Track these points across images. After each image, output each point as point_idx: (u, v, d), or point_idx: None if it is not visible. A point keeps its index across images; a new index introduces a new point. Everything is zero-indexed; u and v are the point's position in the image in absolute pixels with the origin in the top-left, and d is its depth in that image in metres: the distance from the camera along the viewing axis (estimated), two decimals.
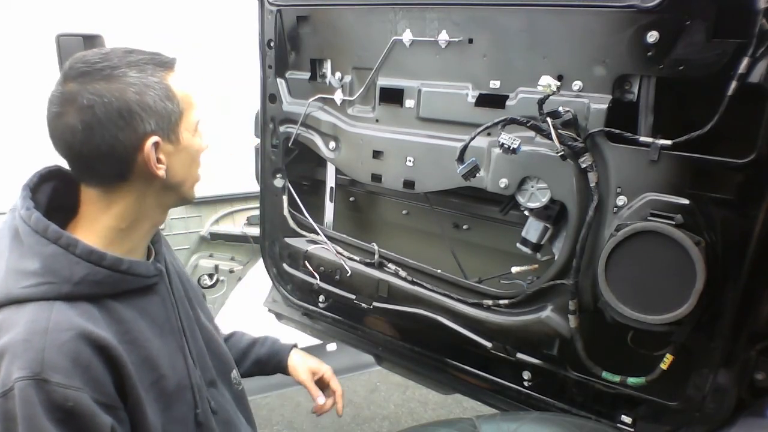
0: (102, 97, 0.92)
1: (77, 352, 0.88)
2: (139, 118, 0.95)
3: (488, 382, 1.55)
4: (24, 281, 0.91)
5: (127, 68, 0.95)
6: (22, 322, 0.88)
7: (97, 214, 1.01)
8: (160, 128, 0.98)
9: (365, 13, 1.54)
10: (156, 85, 0.97)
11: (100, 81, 0.93)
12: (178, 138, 1.02)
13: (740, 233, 1.07)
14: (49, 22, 2.71)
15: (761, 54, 0.99)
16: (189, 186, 1.10)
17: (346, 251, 1.76)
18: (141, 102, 0.95)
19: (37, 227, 0.94)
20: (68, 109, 0.93)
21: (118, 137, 0.94)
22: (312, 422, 2.81)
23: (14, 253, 0.95)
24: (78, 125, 0.93)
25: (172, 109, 0.99)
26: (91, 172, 0.99)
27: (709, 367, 1.17)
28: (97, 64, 0.94)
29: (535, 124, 1.23)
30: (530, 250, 1.38)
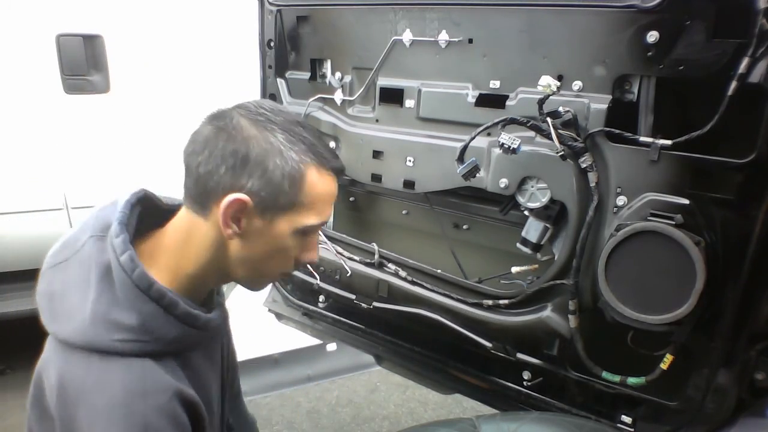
0: (234, 131, 0.90)
1: (175, 414, 0.88)
2: (247, 172, 0.90)
3: (488, 382, 1.55)
4: (116, 334, 0.88)
5: (281, 131, 0.92)
6: (117, 381, 0.86)
7: (175, 249, 0.97)
8: (260, 196, 0.91)
9: (365, 13, 1.54)
10: (291, 161, 0.91)
11: (249, 120, 0.91)
12: (272, 222, 0.94)
13: (740, 233, 1.07)
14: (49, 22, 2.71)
15: (761, 54, 0.99)
16: (254, 274, 1.02)
17: (346, 251, 1.76)
18: (262, 160, 0.90)
19: (140, 283, 0.90)
20: (211, 121, 0.93)
21: (219, 171, 0.90)
22: (312, 422, 2.81)
23: (104, 297, 0.90)
24: (201, 136, 0.92)
25: (286, 192, 0.91)
26: (187, 186, 0.95)
27: (709, 367, 1.17)
28: (263, 109, 0.93)
29: (535, 124, 1.23)
30: (530, 250, 1.38)
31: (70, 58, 2.72)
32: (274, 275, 1.04)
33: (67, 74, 2.74)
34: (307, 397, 2.98)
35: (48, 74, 2.72)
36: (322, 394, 3.03)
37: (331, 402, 2.97)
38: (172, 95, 2.97)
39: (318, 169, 0.94)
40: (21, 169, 2.80)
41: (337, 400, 2.99)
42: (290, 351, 3.09)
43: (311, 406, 2.92)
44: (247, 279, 1.03)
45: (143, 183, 1.07)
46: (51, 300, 0.94)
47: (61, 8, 2.70)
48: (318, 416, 2.85)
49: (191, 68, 2.97)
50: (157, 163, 2.97)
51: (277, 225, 0.94)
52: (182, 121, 3.17)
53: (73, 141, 2.86)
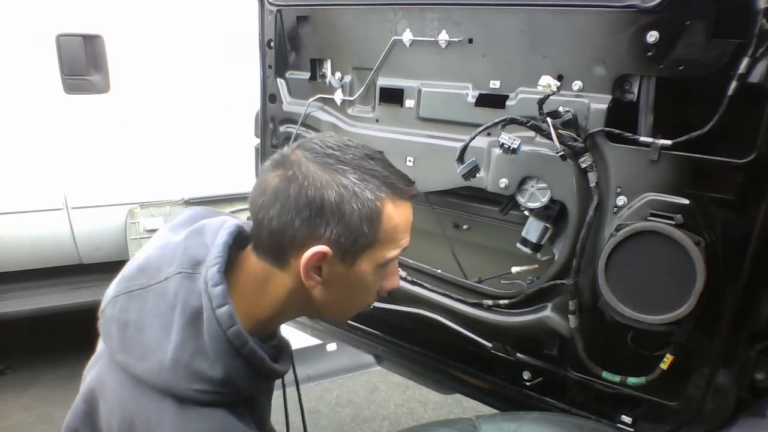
0: (306, 179, 0.86)
1: None
2: (324, 221, 0.87)
3: (488, 382, 1.55)
4: (196, 384, 0.86)
5: (353, 170, 0.88)
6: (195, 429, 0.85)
7: (249, 295, 0.94)
8: (339, 243, 0.88)
9: (365, 13, 1.54)
10: (367, 202, 0.88)
11: (317, 165, 0.88)
12: (354, 264, 0.91)
13: (740, 233, 1.07)
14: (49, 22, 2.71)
15: (761, 54, 0.99)
16: (339, 313, 1.01)
17: None
18: (338, 207, 0.86)
19: (235, 341, 0.87)
20: (277, 170, 0.89)
21: (294, 224, 0.87)
22: (312, 422, 2.81)
23: (190, 344, 0.87)
24: (270, 188, 0.88)
25: (365, 233, 0.89)
26: (259, 238, 0.92)
27: (709, 367, 1.17)
28: (328, 149, 0.90)
29: (535, 124, 1.23)
30: (530, 250, 1.38)
31: (70, 58, 2.72)
32: (357, 310, 1.03)
33: (67, 74, 2.74)
34: (307, 397, 2.98)
35: (48, 74, 2.72)
36: (322, 394, 3.03)
37: (331, 402, 2.97)
38: (172, 95, 2.97)
39: (393, 201, 0.92)
40: (21, 169, 2.80)
41: (337, 400, 2.99)
42: None
43: (311, 406, 2.92)
44: (330, 318, 1.02)
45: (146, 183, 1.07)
46: (124, 329, 0.91)
47: (61, 8, 2.70)
48: (318, 416, 2.85)
49: (191, 68, 2.97)
50: (158, 162, 2.98)
51: (359, 266, 0.92)
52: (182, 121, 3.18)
53: (73, 141, 2.86)
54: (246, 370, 0.90)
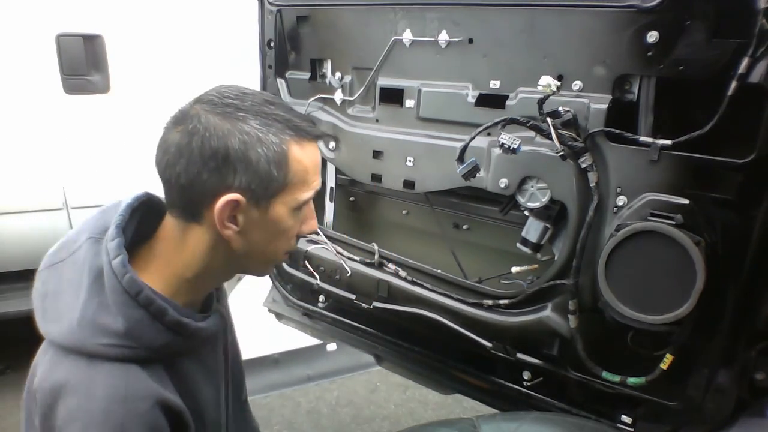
0: (207, 131, 0.87)
1: (154, 422, 0.87)
2: (232, 169, 0.87)
3: (488, 382, 1.55)
4: (102, 338, 0.87)
5: (252, 115, 0.89)
6: (99, 386, 0.85)
7: (171, 254, 0.96)
8: (251, 190, 0.89)
9: (365, 13, 1.54)
10: (272, 145, 0.89)
11: (217, 115, 0.88)
12: (268, 208, 0.92)
13: (740, 233, 1.07)
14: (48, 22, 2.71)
15: (761, 54, 0.99)
16: (260, 261, 1.02)
17: (346, 251, 1.76)
18: (243, 154, 0.87)
19: (130, 289, 0.89)
20: (178, 126, 0.89)
21: (202, 177, 0.87)
22: (312, 422, 2.81)
23: (93, 300, 0.89)
24: (172, 145, 0.89)
25: (275, 177, 0.90)
26: (170, 196, 0.93)
27: (709, 367, 1.17)
28: (227, 98, 0.90)
29: (535, 124, 1.23)
30: (530, 250, 1.38)
31: (70, 58, 2.72)
32: (279, 257, 1.03)
33: (67, 74, 2.74)
34: (307, 397, 2.98)
35: (48, 74, 2.72)
36: (322, 394, 3.03)
37: (331, 402, 2.97)
38: (172, 95, 2.96)
39: (299, 142, 0.92)
40: (21, 168, 2.80)
41: (337, 400, 2.99)
42: (290, 351, 3.09)
43: (311, 406, 2.92)
44: (254, 268, 1.03)
45: (145, 184, 1.07)
46: (44, 300, 0.94)
47: (61, 8, 2.70)
48: (318, 416, 2.85)
49: (191, 68, 2.97)
50: None
51: (274, 210, 0.93)
52: None
53: (73, 141, 2.86)
54: (149, 322, 0.90)
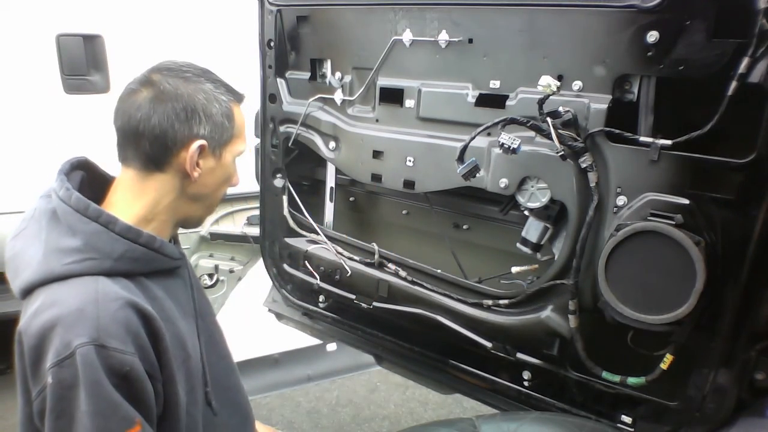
0: (177, 89, 1.02)
1: (127, 320, 0.93)
2: (198, 120, 1.04)
3: (488, 382, 1.55)
4: (66, 258, 0.95)
5: (205, 80, 1.07)
6: (71, 295, 0.92)
7: (130, 199, 1.06)
8: (212, 138, 1.06)
9: (365, 13, 1.54)
10: (224, 102, 1.08)
11: (179, 79, 1.04)
12: (221, 156, 1.10)
13: (740, 233, 1.07)
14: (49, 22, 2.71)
15: (761, 54, 0.99)
16: (206, 205, 1.16)
17: (346, 251, 1.76)
18: (206, 108, 1.05)
19: (78, 206, 0.98)
20: (145, 88, 1.03)
21: (174, 126, 1.02)
22: (312, 422, 2.81)
23: (53, 232, 0.98)
24: (146, 102, 1.01)
25: (227, 128, 1.08)
26: (136, 149, 1.04)
27: (709, 367, 1.17)
28: (182, 68, 1.06)
29: (535, 124, 1.23)
30: (530, 250, 1.38)
31: (70, 58, 2.71)
32: (216, 205, 1.19)
33: (67, 74, 2.74)
34: (307, 397, 2.99)
35: (48, 74, 2.72)
36: (322, 394, 3.03)
37: (331, 402, 2.97)
38: None
39: (235, 101, 1.12)
40: (21, 169, 2.80)
41: (337, 400, 2.99)
42: (290, 351, 3.10)
43: (311, 406, 2.93)
44: (200, 216, 1.16)
45: None
46: (13, 261, 1.02)
47: (61, 8, 2.70)
48: (318, 416, 2.85)
49: None
50: None
51: (224, 157, 1.10)
52: None
53: (73, 141, 2.86)
54: (104, 232, 0.98)
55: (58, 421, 0.89)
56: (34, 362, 0.91)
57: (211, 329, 1.24)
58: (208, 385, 1.15)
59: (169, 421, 1.01)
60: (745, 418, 1.18)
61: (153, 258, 1.04)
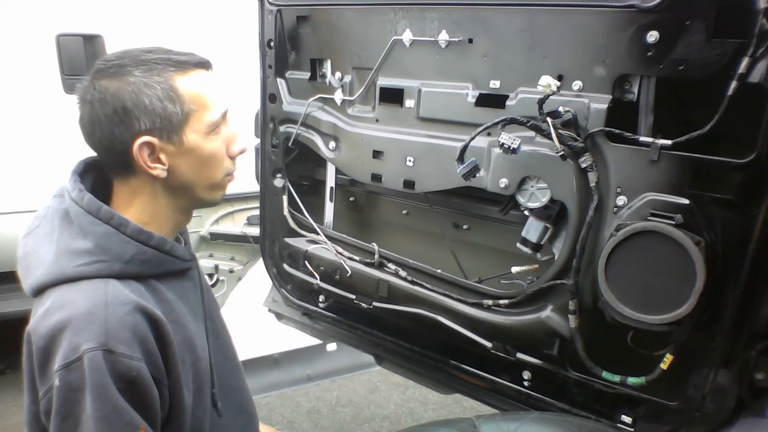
0: (102, 94, 0.96)
1: (136, 325, 0.92)
2: (134, 117, 0.97)
3: (488, 382, 1.55)
4: (77, 260, 0.95)
5: (134, 67, 0.97)
6: (80, 298, 0.92)
7: (125, 205, 1.05)
8: (157, 128, 0.98)
9: (365, 13, 1.54)
10: (157, 85, 0.97)
11: (106, 78, 0.97)
12: (182, 139, 1.01)
13: (740, 233, 1.07)
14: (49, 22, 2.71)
15: (761, 54, 0.99)
16: (202, 188, 1.08)
17: (346, 251, 1.76)
18: (136, 101, 0.96)
19: (90, 208, 0.98)
20: (83, 102, 1.00)
21: (114, 133, 0.97)
22: (312, 422, 2.81)
23: (65, 233, 0.98)
24: (85, 119, 0.99)
25: (173, 111, 0.99)
26: (105, 163, 1.04)
27: (709, 367, 1.17)
28: (109, 62, 0.99)
29: (535, 124, 1.23)
30: (530, 250, 1.38)
31: (70, 58, 2.71)
32: (219, 179, 1.10)
33: (67, 74, 2.74)
34: (307, 397, 2.99)
35: (48, 74, 2.71)
36: (322, 394, 3.03)
37: (331, 402, 2.97)
38: None
39: (183, 73, 1.00)
40: (21, 169, 2.80)
41: (337, 400, 2.99)
42: (290, 351, 3.10)
43: (311, 406, 2.93)
44: (203, 197, 1.10)
45: None
46: (25, 260, 1.02)
47: (61, 8, 2.70)
48: (318, 416, 2.85)
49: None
50: None
51: (187, 140, 1.01)
52: None
53: (73, 141, 2.86)
54: (114, 234, 0.97)
55: (64, 422, 0.89)
56: (42, 363, 0.91)
57: (219, 330, 1.24)
58: (214, 386, 1.14)
59: (175, 423, 1.01)
60: (745, 418, 1.18)
61: (163, 260, 1.03)
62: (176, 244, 1.07)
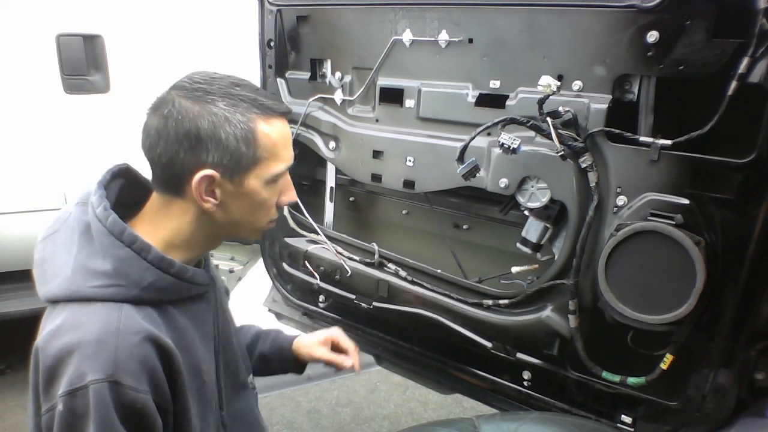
0: (180, 113, 0.94)
1: (145, 356, 0.90)
2: (205, 147, 0.94)
3: (488, 382, 1.55)
4: (94, 281, 0.93)
5: (220, 97, 0.95)
6: (92, 322, 0.90)
7: (157, 222, 1.02)
8: (223, 165, 0.96)
9: (365, 13, 1.54)
10: (239, 123, 0.95)
11: (189, 99, 0.95)
12: (242, 182, 0.99)
13: (740, 233, 1.07)
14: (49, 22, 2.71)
15: (761, 54, 0.99)
16: (246, 230, 1.08)
17: (346, 251, 1.76)
18: (213, 133, 0.94)
19: (113, 229, 0.95)
20: (156, 111, 0.97)
21: (179, 155, 0.95)
22: (312, 422, 2.81)
23: (84, 250, 0.95)
24: (152, 129, 0.96)
25: (244, 153, 0.96)
26: (155, 176, 1.01)
27: (709, 367, 1.17)
28: (197, 83, 0.97)
29: (535, 124, 1.23)
30: (530, 250, 1.38)
31: (70, 58, 2.72)
32: (263, 225, 1.09)
33: (67, 74, 2.74)
34: (307, 397, 2.98)
35: (48, 74, 2.71)
36: (322, 394, 3.03)
37: (331, 402, 2.97)
38: None
39: (265, 119, 0.98)
40: (21, 169, 2.80)
41: (337, 400, 2.99)
42: None
43: (311, 406, 2.92)
44: (241, 236, 1.09)
45: None
46: (42, 265, 0.99)
47: (61, 8, 2.70)
48: (318, 416, 2.85)
49: (191, 68, 2.97)
50: None
51: (248, 183, 1.00)
52: None
53: (73, 141, 2.86)
54: (135, 259, 0.95)
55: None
56: (47, 382, 0.89)
57: (230, 351, 1.21)
58: (223, 409, 1.13)
59: None
60: (745, 418, 1.18)
61: (182, 287, 1.01)
62: (197, 271, 1.03)
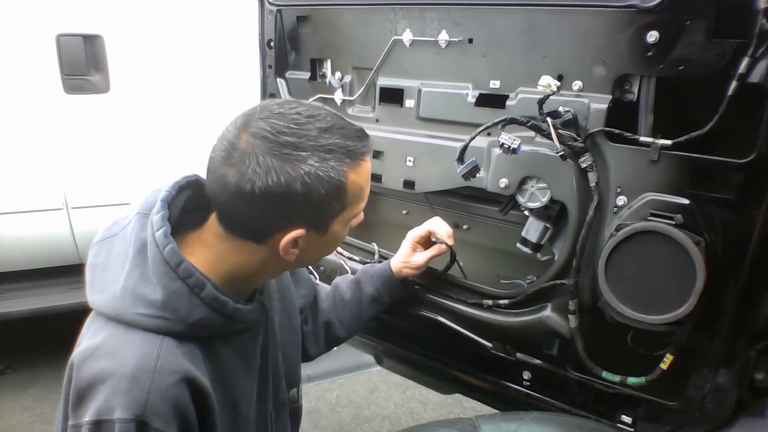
0: (268, 176, 0.85)
1: (178, 398, 0.87)
2: (295, 210, 0.89)
3: (488, 382, 1.55)
4: (141, 308, 0.89)
5: (310, 152, 0.87)
6: (130, 354, 0.86)
7: (222, 254, 0.97)
8: (312, 221, 0.92)
9: (365, 13, 1.55)
10: (331, 180, 0.89)
11: (275, 157, 0.85)
12: (327, 230, 0.96)
13: (740, 233, 1.07)
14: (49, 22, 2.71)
15: (761, 54, 0.99)
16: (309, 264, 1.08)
17: (346, 251, 1.76)
18: (306, 196, 0.88)
19: (170, 260, 0.90)
20: (232, 164, 0.87)
21: (265, 216, 0.89)
22: (312, 422, 2.81)
23: (136, 271, 0.91)
24: (231, 186, 0.87)
25: (334, 206, 0.93)
26: (227, 223, 0.94)
27: (709, 367, 1.17)
28: (282, 135, 0.86)
29: (535, 124, 1.23)
30: (530, 250, 1.38)
31: (70, 58, 2.72)
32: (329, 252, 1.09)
33: (67, 74, 2.74)
34: (307, 397, 2.98)
35: (48, 74, 2.72)
36: (322, 394, 3.03)
37: (331, 402, 2.97)
38: (173, 95, 2.97)
39: (355, 167, 0.93)
40: (21, 169, 2.80)
41: (337, 400, 2.99)
42: None
43: (311, 406, 2.92)
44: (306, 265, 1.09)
45: (145, 184, 1.07)
46: (94, 271, 0.97)
47: (61, 8, 2.70)
48: (318, 416, 2.85)
49: (192, 68, 2.97)
50: (158, 162, 2.98)
51: (333, 230, 0.97)
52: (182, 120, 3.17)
53: (73, 141, 2.86)
54: (187, 295, 0.91)
55: None
56: (76, 402, 0.88)
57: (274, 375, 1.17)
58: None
59: None
60: (745, 418, 1.18)
61: (230, 326, 0.97)
62: (249, 310, 0.99)
